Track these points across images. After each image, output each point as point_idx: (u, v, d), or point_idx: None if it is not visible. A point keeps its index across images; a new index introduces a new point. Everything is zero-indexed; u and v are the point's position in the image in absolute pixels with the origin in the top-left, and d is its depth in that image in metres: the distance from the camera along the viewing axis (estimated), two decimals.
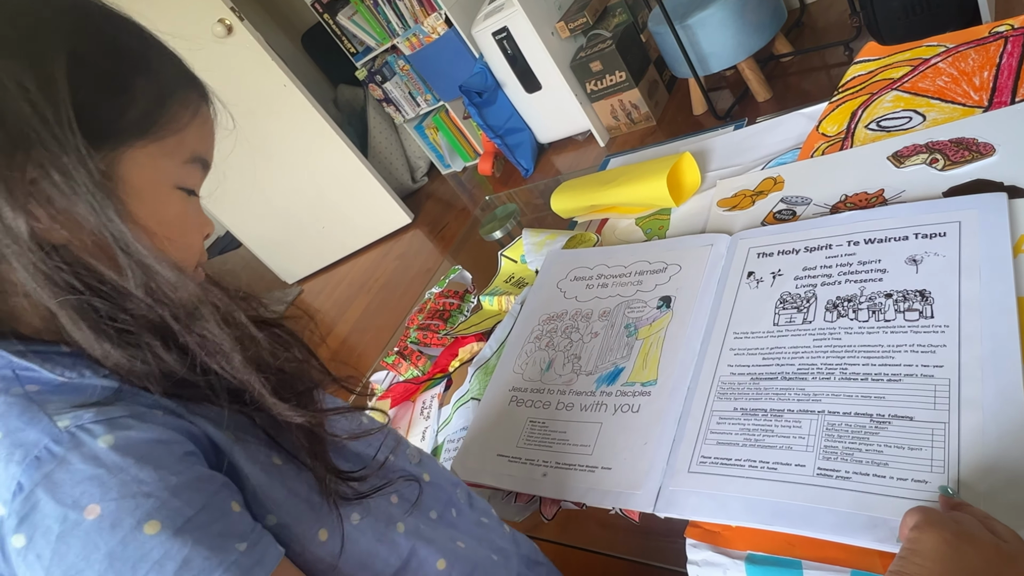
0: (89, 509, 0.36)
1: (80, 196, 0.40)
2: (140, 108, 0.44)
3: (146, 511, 0.37)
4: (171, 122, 0.46)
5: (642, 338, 0.79)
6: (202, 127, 0.49)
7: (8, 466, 0.37)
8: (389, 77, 3.35)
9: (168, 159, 0.46)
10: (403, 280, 3.03)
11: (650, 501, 0.63)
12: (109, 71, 0.43)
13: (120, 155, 0.43)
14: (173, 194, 0.47)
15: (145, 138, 0.44)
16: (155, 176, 0.45)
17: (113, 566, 0.35)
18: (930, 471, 0.50)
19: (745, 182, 0.93)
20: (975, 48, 0.85)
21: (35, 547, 0.36)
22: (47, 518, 0.36)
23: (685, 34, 2.13)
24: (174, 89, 0.47)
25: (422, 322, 1.17)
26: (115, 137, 0.43)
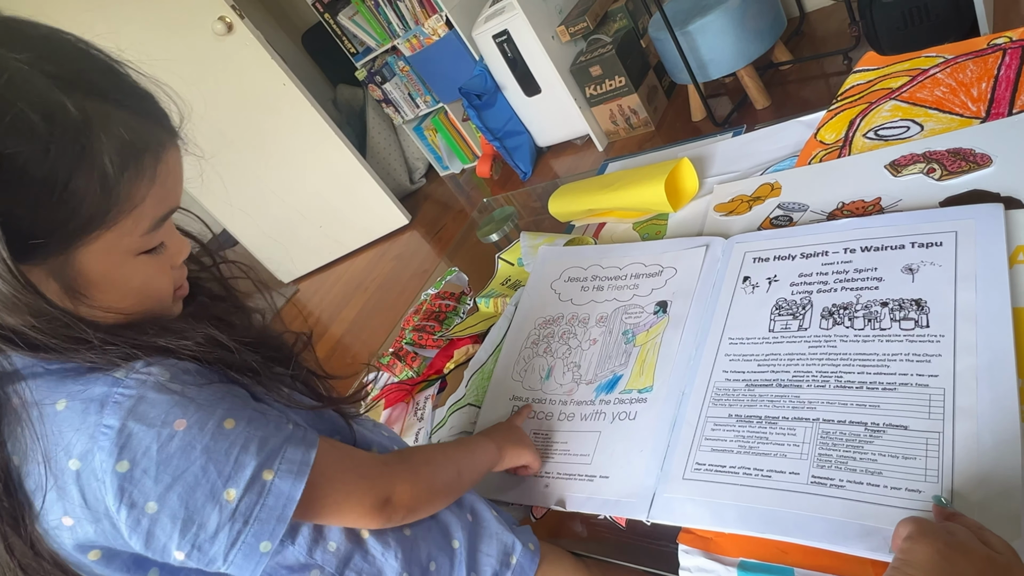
0: (178, 423, 0.44)
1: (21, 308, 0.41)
2: (88, 207, 0.41)
3: (220, 414, 0.45)
4: (125, 202, 0.43)
5: (639, 344, 0.79)
6: (163, 186, 0.46)
7: (86, 419, 0.43)
8: (389, 78, 3.35)
9: (126, 238, 0.45)
10: (399, 281, 3.02)
11: (644, 508, 0.63)
12: (51, 174, 0.39)
13: (72, 255, 0.43)
14: (136, 263, 0.47)
15: (97, 231, 0.43)
16: (114, 259, 0.45)
17: (211, 457, 0.44)
18: (924, 480, 0.50)
19: (742, 187, 0.93)
20: (973, 59, 0.85)
21: (139, 465, 0.42)
22: (144, 440, 0.43)
23: (685, 40, 2.14)
24: (125, 166, 0.43)
25: (418, 323, 1.17)
26: (62, 243, 0.42)
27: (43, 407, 0.43)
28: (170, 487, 0.43)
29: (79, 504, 0.43)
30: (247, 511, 0.45)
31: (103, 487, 0.43)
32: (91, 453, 0.42)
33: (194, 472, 0.44)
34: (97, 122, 0.41)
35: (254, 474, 0.45)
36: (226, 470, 0.45)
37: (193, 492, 0.44)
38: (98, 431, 0.42)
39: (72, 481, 0.43)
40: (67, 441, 0.43)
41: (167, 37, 2.87)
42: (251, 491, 0.45)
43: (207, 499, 0.44)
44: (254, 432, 0.46)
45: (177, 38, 2.87)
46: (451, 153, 3.59)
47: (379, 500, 0.53)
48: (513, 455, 0.72)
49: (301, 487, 0.47)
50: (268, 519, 0.46)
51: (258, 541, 0.46)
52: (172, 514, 0.44)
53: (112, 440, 0.42)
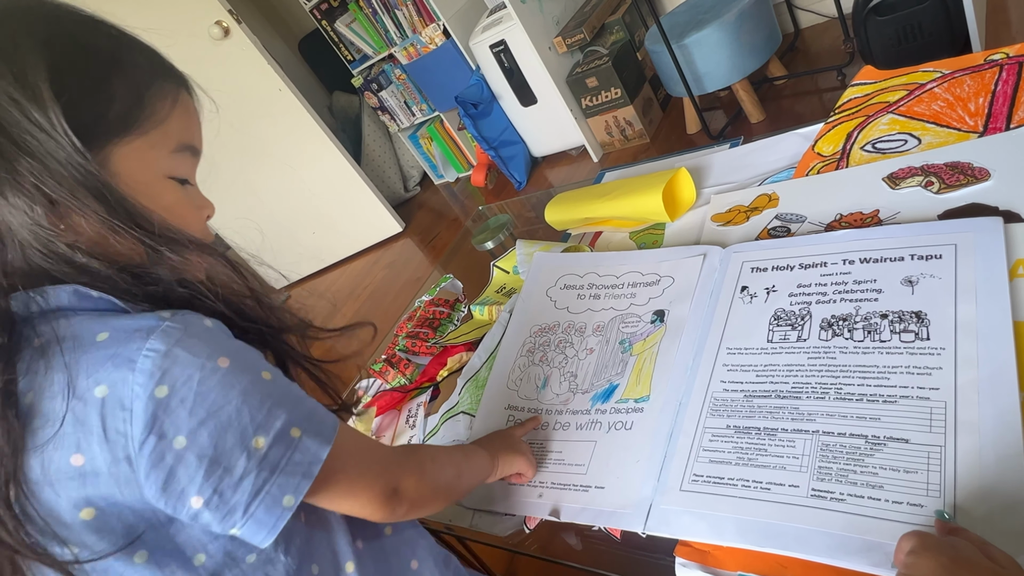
0: (221, 360, 0.44)
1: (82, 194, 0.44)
2: (120, 106, 0.47)
3: (259, 364, 0.47)
4: (152, 115, 0.49)
5: (636, 354, 0.78)
6: (184, 116, 0.52)
7: (128, 344, 0.42)
8: (385, 86, 3.35)
9: (155, 151, 0.49)
10: (392, 288, 3.01)
11: (640, 520, 0.62)
12: (86, 74, 0.46)
13: (109, 153, 0.47)
14: (166, 184, 0.51)
15: (129, 134, 0.47)
16: (145, 168, 0.49)
17: (247, 400, 0.44)
18: (926, 495, 0.50)
19: (740, 198, 0.93)
20: (970, 75, 0.86)
21: (178, 394, 0.42)
22: (188, 368, 0.42)
23: (681, 54, 2.15)
24: (150, 83, 0.49)
25: (411, 330, 1.16)
26: (102, 136, 0.46)
27: (78, 339, 0.43)
28: (203, 422, 0.42)
29: (97, 437, 0.41)
30: (275, 461, 0.44)
31: (129, 417, 0.41)
32: (125, 380, 0.41)
33: (228, 412, 0.43)
34: (128, 42, 0.50)
35: (284, 427, 0.45)
36: (258, 417, 0.44)
37: (224, 432, 0.43)
38: (139, 355, 0.42)
39: (95, 410, 0.41)
40: (98, 368, 0.42)
41: (163, 40, 2.84)
42: (280, 443, 0.45)
43: (236, 442, 0.43)
44: (287, 390, 0.47)
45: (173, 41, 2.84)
46: (446, 162, 3.58)
47: (388, 488, 0.53)
48: (506, 463, 0.71)
49: (327, 449, 0.47)
50: (294, 472, 0.45)
51: (282, 494, 0.44)
52: (200, 452, 0.42)
53: (155, 363, 0.42)
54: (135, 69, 0.49)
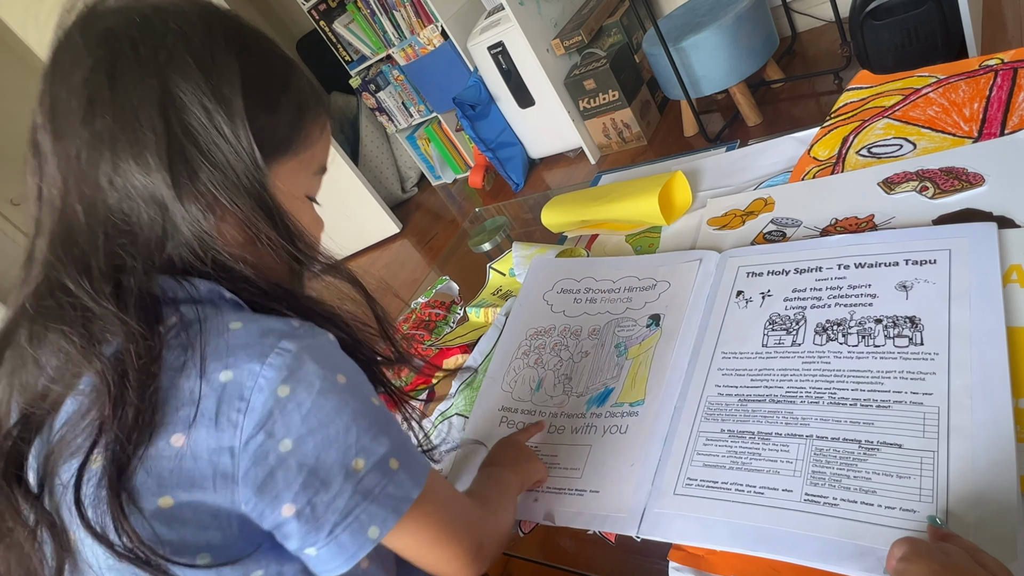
0: (340, 376, 0.44)
1: (253, 208, 0.46)
2: (285, 126, 0.50)
3: (370, 388, 0.47)
4: (307, 138, 0.52)
5: (632, 358, 0.78)
6: (327, 140, 0.55)
7: (262, 339, 0.43)
8: (383, 86, 3.35)
9: (303, 172, 0.52)
10: (389, 290, 3.00)
11: (634, 524, 0.62)
12: (266, 90, 0.48)
13: (271, 170, 0.48)
14: (306, 203, 0.54)
15: (288, 153, 0.50)
16: (294, 188, 0.51)
17: (356, 421, 0.43)
18: (919, 500, 0.50)
19: (736, 202, 0.93)
20: (965, 80, 0.86)
21: (296, 397, 0.41)
22: (311, 375, 0.42)
23: (679, 56, 2.15)
24: (309, 106, 0.52)
25: (407, 332, 1.16)
26: (270, 153, 0.48)
27: (214, 324, 0.43)
28: (312, 431, 0.42)
29: (209, 420, 0.40)
30: (369, 488, 0.43)
31: (245, 408, 0.41)
32: (252, 371, 0.41)
33: (337, 428, 0.42)
34: (292, 62, 0.52)
35: (385, 456, 0.44)
36: (364, 440, 0.43)
37: (329, 447, 0.42)
38: (272, 350, 0.42)
39: (214, 394, 0.41)
40: (229, 355, 0.42)
41: None
42: (377, 470, 0.43)
43: (338, 459, 0.42)
44: (390, 420, 0.47)
45: None
46: (443, 163, 3.59)
47: (475, 544, 0.51)
48: (527, 477, 0.69)
49: (419, 490, 0.45)
50: (385, 504, 0.43)
51: (370, 523, 0.43)
52: (302, 460, 0.41)
53: (285, 361, 0.42)
54: (300, 92, 0.51)
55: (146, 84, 0.43)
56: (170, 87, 0.43)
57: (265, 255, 0.49)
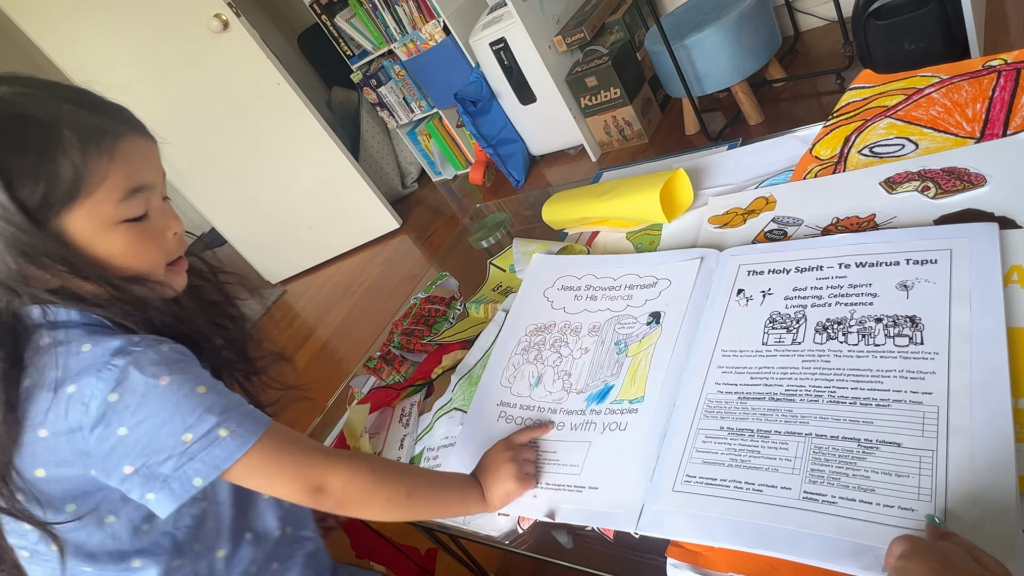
0: (163, 379, 0.56)
1: (47, 262, 0.56)
2: (64, 181, 0.55)
3: (195, 381, 0.58)
4: (91, 176, 0.56)
5: (632, 355, 0.78)
6: (126, 163, 0.59)
7: (100, 358, 0.56)
8: (384, 81, 3.34)
9: (103, 206, 0.58)
10: (388, 285, 3.00)
11: (632, 520, 0.62)
12: (31, 159, 0.54)
13: (62, 221, 0.56)
14: (118, 229, 0.59)
15: (75, 201, 0.56)
16: (96, 225, 0.58)
17: (179, 409, 0.56)
18: (917, 499, 0.50)
19: (737, 200, 0.93)
20: (969, 80, 0.86)
21: (124, 400, 0.55)
22: (136, 383, 0.56)
23: (681, 54, 2.15)
24: (86, 147, 0.56)
25: (407, 327, 1.16)
26: (52, 210, 0.56)
27: (70, 346, 0.57)
28: (141, 421, 0.56)
29: (62, 419, 0.56)
30: (195, 452, 0.56)
31: (86, 410, 0.55)
32: (90, 383, 0.55)
33: (163, 416, 0.56)
34: (61, 119, 0.56)
35: (211, 429, 0.57)
36: (189, 420, 0.57)
37: (158, 429, 0.56)
38: (106, 367, 0.55)
39: (64, 401, 0.55)
40: (76, 371, 0.56)
41: (162, 32, 2.85)
42: (204, 439, 0.57)
43: (168, 435, 0.56)
44: (219, 399, 0.59)
45: (172, 34, 2.85)
46: (444, 159, 3.58)
47: (309, 485, 0.62)
48: (500, 497, 0.71)
49: (244, 450, 0.58)
50: (208, 462, 0.57)
51: (194, 475, 0.57)
52: (136, 438, 0.56)
53: (114, 375, 0.55)
54: (71, 139, 0.55)
55: None
56: None
57: (92, 287, 0.60)
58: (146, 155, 0.62)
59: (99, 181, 0.57)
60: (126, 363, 0.56)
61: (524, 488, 0.71)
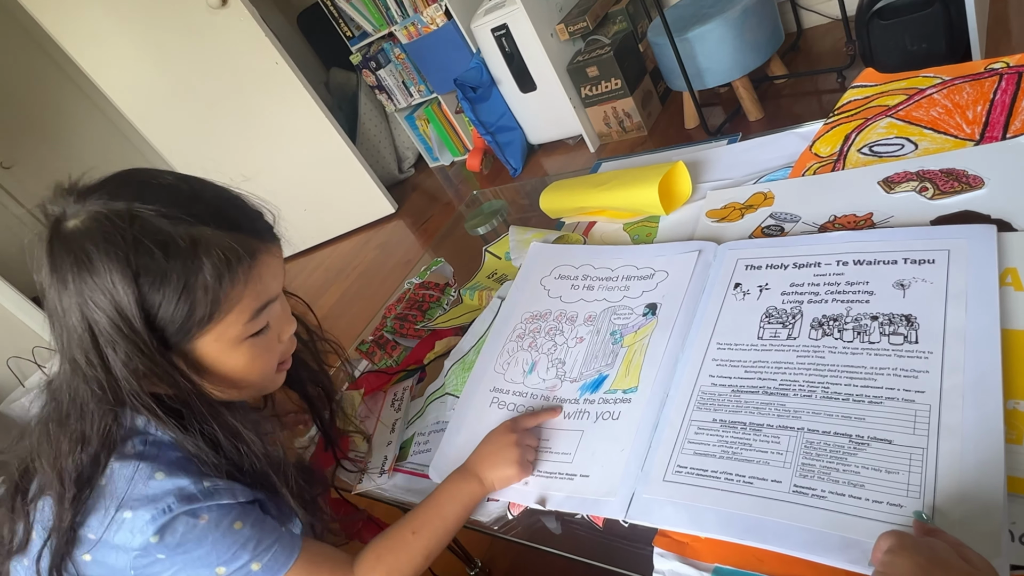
0: (203, 517, 0.59)
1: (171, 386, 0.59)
2: (200, 309, 0.56)
3: (234, 517, 0.60)
4: (226, 303, 0.57)
5: (627, 345, 0.78)
6: (258, 282, 0.60)
7: (165, 498, 0.58)
8: (384, 64, 3.31)
9: (231, 328, 0.59)
10: (382, 270, 2.99)
11: (622, 508, 0.62)
12: (171, 288, 0.55)
13: (193, 345, 0.58)
14: (242, 347, 0.61)
15: (208, 326, 0.58)
16: (223, 346, 0.60)
17: (215, 547, 0.59)
18: (906, 495, 0.50)
19: (735, 195, 0.93)
20: (970, 82, 0.86)
21: (165, 541, 0.57)
22: (179, 527, 0.58)
23: (684, 47, 2.14)
24: (222, 276, 0.57)
25: (400, 312, 1.15)
26: (186, 336, 0.57)
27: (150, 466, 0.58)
28: (180, 557, 0.58)
29: (112, 534, 0.57)
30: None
31: (132, 539, 0.57)
32: (142, 517, 0.56)
33: (200, 553, 0.58)
34: (200, 246, 0.56)
35: (243, 565, 0.59)
36: (224, 556, 0.59)
37: (193, 565, 0.58)
38: (163, 508, 0.57)
39: (117, 522, 0.57)
40: (137, 499, 0.57)
41: (160, 6, 2.81)
42: (238, 573, 0.59)
43: (203, 568, 0.58)
44: (254, 534, 0.60)
45: (170, 8, 2.81)
46: (442, 145, 3.56)
47: None
48: (498, 481, 0.71)
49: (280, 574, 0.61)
50: None
51: None
52: (172, 564, 0.58)
53: (164, 520, 0.57)
54: (212, 264, 0.56)
55: (70, 296, 0.55)
56: (86, 303, 0.55)
57: None
58: (275, 269, 0.63)
59: (231, 306, 0.58)
60: (180, 510, 0.57)
61: (523, 475, 0.71)
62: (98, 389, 0.57)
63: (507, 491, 0.72)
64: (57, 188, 0.58)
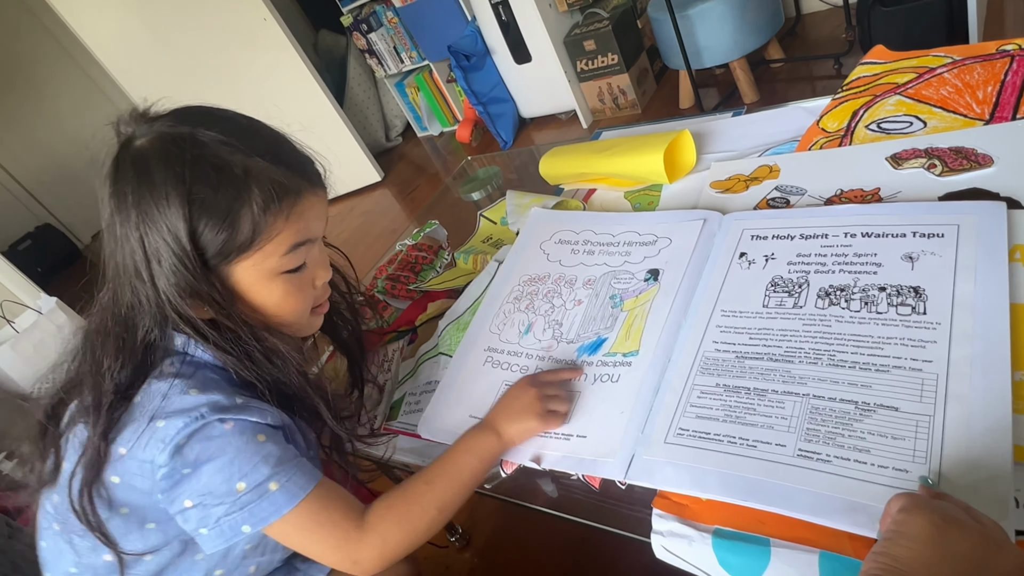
0: (228, 424, 0.60)
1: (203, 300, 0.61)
2: (242, 234, 0.59)
3: (258, 429, 0.61)
4: (267, 232, 0.60)
5: (627, 310, 0.77)
6: (299, 221, 0.62)
7: (197, 408, 0.59)
8: (375, 28, 3.23)
9: (269, 259, 0.62)
10: (366, 238, 2.95)
11: (622, 469, 0.62)
12: (218, 210, 0.58)
13: (230, 269, 0.61)
14: (277, 280, 0.63)
15: (247, 253, 0.60)
16: (259, 276, 0.62)
17: (239, 456, 0.59)
18: (912, 461, 0.50)
19: (740, 167, 0.92)
20: (981, 63, 0.86)
21: (192, 446, 0.59)
22: (209, 431, 0.59)
23: (684, 24, 2.12)
24: (268, 206, 0.59)
25: (392, 272, 1.13)
26: (225, 258, 0.60)
27: (186, 383, 0.60)
28: (203, 464, 0.59)
29: (141, 448, 0.59)
30: (246, 503, 0.59)
31: (162, 446, 0.59)
32: (175, 424, 0.58)
33: (223, 462, 0.59)
34: (251, 175, 0.59)
35: (263, 479, 0.59)
36: (245, 468, 0.59)
37: (216, 474, 0.59)
38: (196, 415, 0.59)
39: (149, 432, 0.59)
40: (172, 411, 0.59)
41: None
42: (255, 490, 0.59)
43: (224, 481, 0.59)
44: (275, 451, 0.61)
45: None
46: (431, 114, 3.50)
47: (347, 559, 0.63)
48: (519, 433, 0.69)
49: (291, 506, 0.60)
50: (255, 514, 0.59)
51: (242, 523, 0.59)
52: (198, 478, 0.59)
53: (196, 426, 0.59)
54: (259, 196, 0.59)
55: (127, 208, 0.59)
56: (141, 217, 0.58)
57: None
58: (318, 211, 0.65)
59: (271, 236, 0.60)
60: (213, 417, 0.59)
61: (545, 426, 0.68)
62: (144, 301, 0.60)
63: None
64: (132, 112, 0.61)
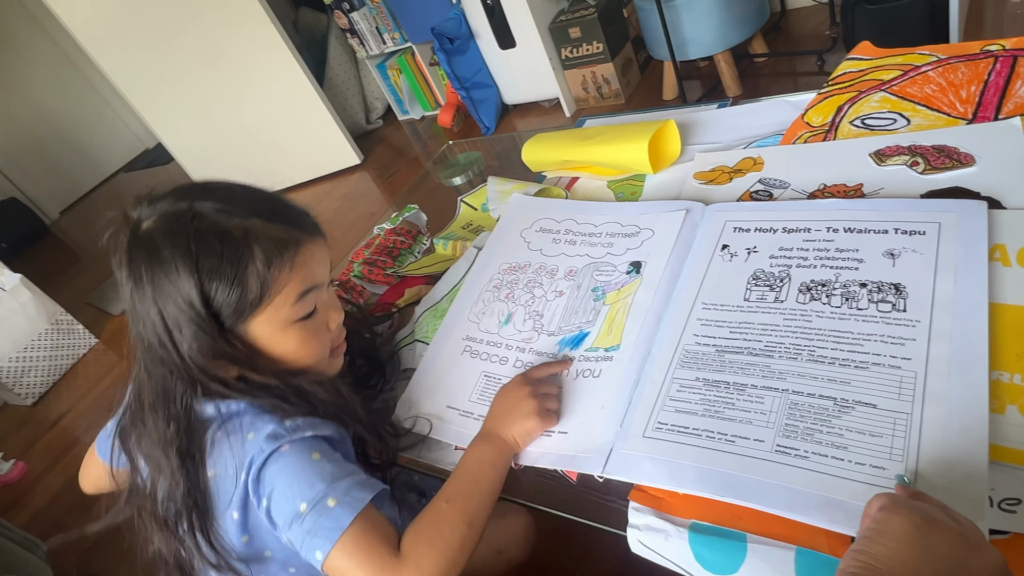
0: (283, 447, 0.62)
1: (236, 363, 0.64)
2: (252, 291, 0.62)
3: (313, 447, 0.63)
4: (274, 285, 0.63)
5: (609, 303, 0.76)
6: (303, 268, 0.65)
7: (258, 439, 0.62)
8: (357, 7, 3.17)
9: (281, 310, 0.64)
10: (344, 222, 2.90)
11: (599, 463, 0.61)
12: (226, 273, 0.61)
13: (247, 327, 0.63)
14: (292, 329, 0.66)
15: (259, 308, 0.63)
16: (275, 327, 0.65)
17: (296, 479, 0.61)
18: (889, 458, 0.50)
19: (724, 158, 0.91)
20: (965, 62, 0.86)
21: (270, 468, 0.61)
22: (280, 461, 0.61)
23: (670, 15, 2.11)
24: (271, 260, 0.62)
25: (369, 257, 1.11)
26: (240, 317, 0.62)
27: (241, 436, 0.63)
28: (279, 485, 0.61)
29: (240, 495, 0.62)
30: (311, 526, 0.59)
31: (251, 481, 0.61)
32: (254, 464, 0.61)
33: (284, 485, 0.61)
34: (251, 235, 0.62)
35: (320, 497, 0.60)
36: (304, 489, 0.60)
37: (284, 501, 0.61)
38: (259, 452, 0.61)
39: (241, 482, 0.62)
40: (246, 458, 0.62)
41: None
42: (315, 510, 0.60)
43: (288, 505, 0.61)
44: (328, 465, 0.62)
45: None
46: (413, 97, 3.45)
47: None
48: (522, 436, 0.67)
49: (351, 518, 0.59)
50: (321, 534, 0.59)
51: (313, 551, 0.59)
52: (278, 499, 0.61)
53: (268, 456, 0.61)
54: (261, 253, 0.61)
55: (143, 287, 0.61)
56: (157, 292, 0.61)
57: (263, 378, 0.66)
58: (319, 257, 0.67)
59: (279, 288, 0.63)
60: (274, 447, 0.61)
61: (546, 425, 0.67)
62: (174, 370, 0.63)
63: None
64: (137, 197, 0.65)
